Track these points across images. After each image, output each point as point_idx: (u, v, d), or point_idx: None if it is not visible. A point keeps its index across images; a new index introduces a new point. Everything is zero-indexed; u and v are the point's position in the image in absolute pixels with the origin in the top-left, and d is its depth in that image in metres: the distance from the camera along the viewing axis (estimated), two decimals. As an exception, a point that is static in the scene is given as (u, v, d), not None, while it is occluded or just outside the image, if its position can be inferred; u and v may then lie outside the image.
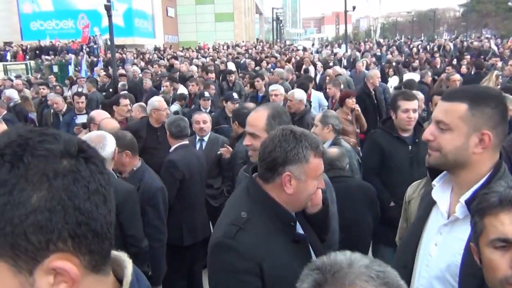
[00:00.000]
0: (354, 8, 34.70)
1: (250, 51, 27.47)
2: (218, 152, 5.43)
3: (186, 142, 4.82)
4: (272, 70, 14.98)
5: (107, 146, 3.40)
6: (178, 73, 14.13)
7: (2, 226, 0.76)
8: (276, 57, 19.74)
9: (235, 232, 1.93)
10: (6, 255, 0.77)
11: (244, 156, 4.43)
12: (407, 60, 16.59)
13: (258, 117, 2.71)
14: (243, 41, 42.47)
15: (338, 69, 13.63)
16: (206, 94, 8.02)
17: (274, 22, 55.28)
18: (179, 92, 10.13)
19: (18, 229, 0.76)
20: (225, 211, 2.16)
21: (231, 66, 17.91)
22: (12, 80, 14.67)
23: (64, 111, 8.57)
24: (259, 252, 1.92)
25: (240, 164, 4.38)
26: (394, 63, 14.78)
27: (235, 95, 7.57)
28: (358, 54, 22.39)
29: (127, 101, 6.76)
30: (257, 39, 55.55)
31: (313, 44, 40.23)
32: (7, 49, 32.21)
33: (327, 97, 9.07)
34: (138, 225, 3.60)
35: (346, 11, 30.14)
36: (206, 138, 5.69)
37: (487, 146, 1.82)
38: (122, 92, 9.52)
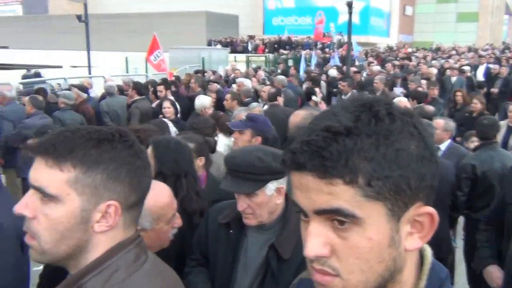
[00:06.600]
0: None
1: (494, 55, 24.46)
2: None
3: None
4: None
5: None
6: (412, 74, 13.24)
7: (394, 169, 0.79)
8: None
9: None
10: (388, 198, 0.80)
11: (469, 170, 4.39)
12: None
13: None
14: (487, 44, 38.56)
15: None
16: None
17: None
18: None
19: (405, 173, 0.80)
20: None
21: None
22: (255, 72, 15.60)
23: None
24: None
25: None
26: None
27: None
28: None
29: None
30: (503, 42, 50.15)
31: None
32: (249, 42, 35.08)
33: None
34: None
35: None
36: (442, 147, 4.94)
37: None
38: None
